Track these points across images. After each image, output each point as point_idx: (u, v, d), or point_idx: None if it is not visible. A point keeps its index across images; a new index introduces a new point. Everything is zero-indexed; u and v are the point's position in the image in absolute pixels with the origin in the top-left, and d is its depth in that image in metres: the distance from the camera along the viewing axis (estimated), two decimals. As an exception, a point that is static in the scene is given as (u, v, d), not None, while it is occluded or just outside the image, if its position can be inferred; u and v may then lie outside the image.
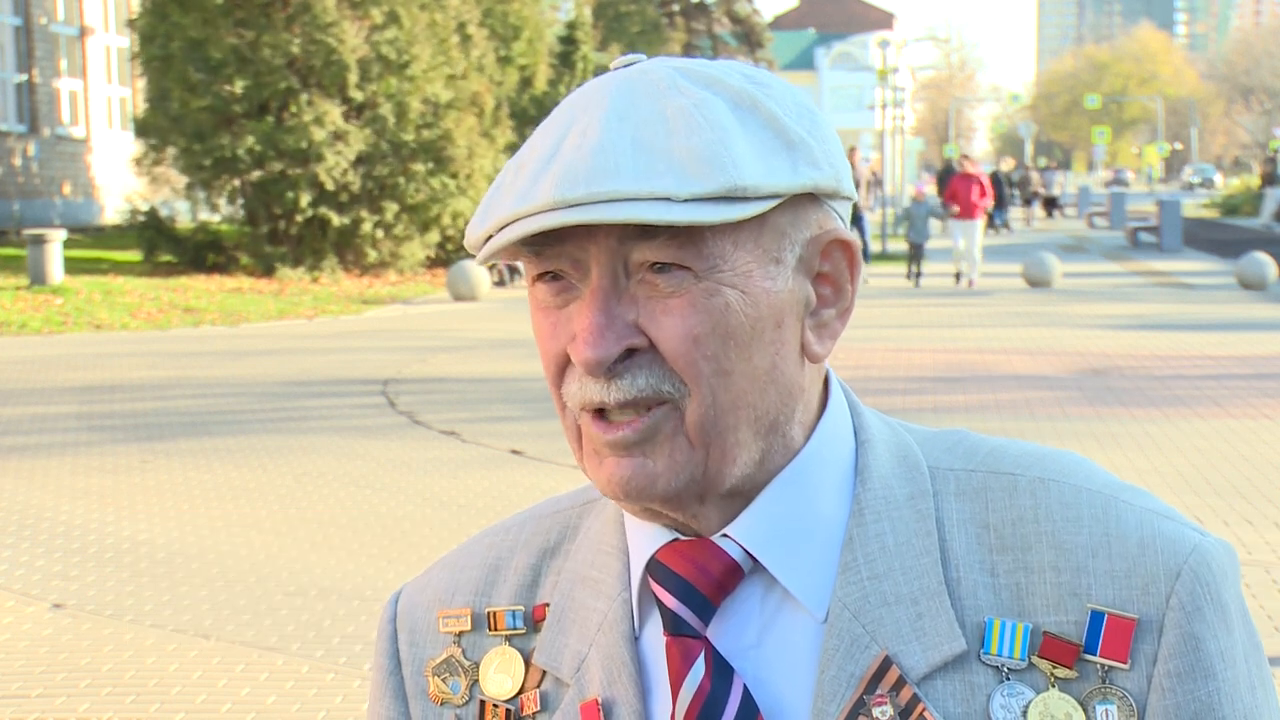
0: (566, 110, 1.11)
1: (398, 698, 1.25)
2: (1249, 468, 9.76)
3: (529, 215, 1.05)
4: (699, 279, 1.07)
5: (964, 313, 20.05)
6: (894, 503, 1.14)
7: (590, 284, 1.08)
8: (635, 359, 1.07)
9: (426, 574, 1.29)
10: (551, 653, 1.18)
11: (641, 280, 1.07)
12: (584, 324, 1.07)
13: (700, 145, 1.05)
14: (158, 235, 24.66)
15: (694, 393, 1.07)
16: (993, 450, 1.17)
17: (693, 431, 1.08)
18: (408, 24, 23.96)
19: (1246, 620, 1.13)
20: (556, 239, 1.07)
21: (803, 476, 1.13)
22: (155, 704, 5.64)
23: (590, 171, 1.04)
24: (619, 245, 1.06)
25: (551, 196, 1.04)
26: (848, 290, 1.15)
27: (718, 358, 1.07)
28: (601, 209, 1.03)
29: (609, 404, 1.07)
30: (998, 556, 1.12)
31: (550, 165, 1.06)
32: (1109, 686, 1.08)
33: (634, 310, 1.07)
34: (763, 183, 1.06)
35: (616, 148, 1.05)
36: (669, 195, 1.03)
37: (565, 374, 1.10)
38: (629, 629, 1.16)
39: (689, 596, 1.11)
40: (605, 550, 1.19)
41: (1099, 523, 1.12)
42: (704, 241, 1.06)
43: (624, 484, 1.08)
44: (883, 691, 1.08)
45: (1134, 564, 1.10)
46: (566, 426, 1.12)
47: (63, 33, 31.79)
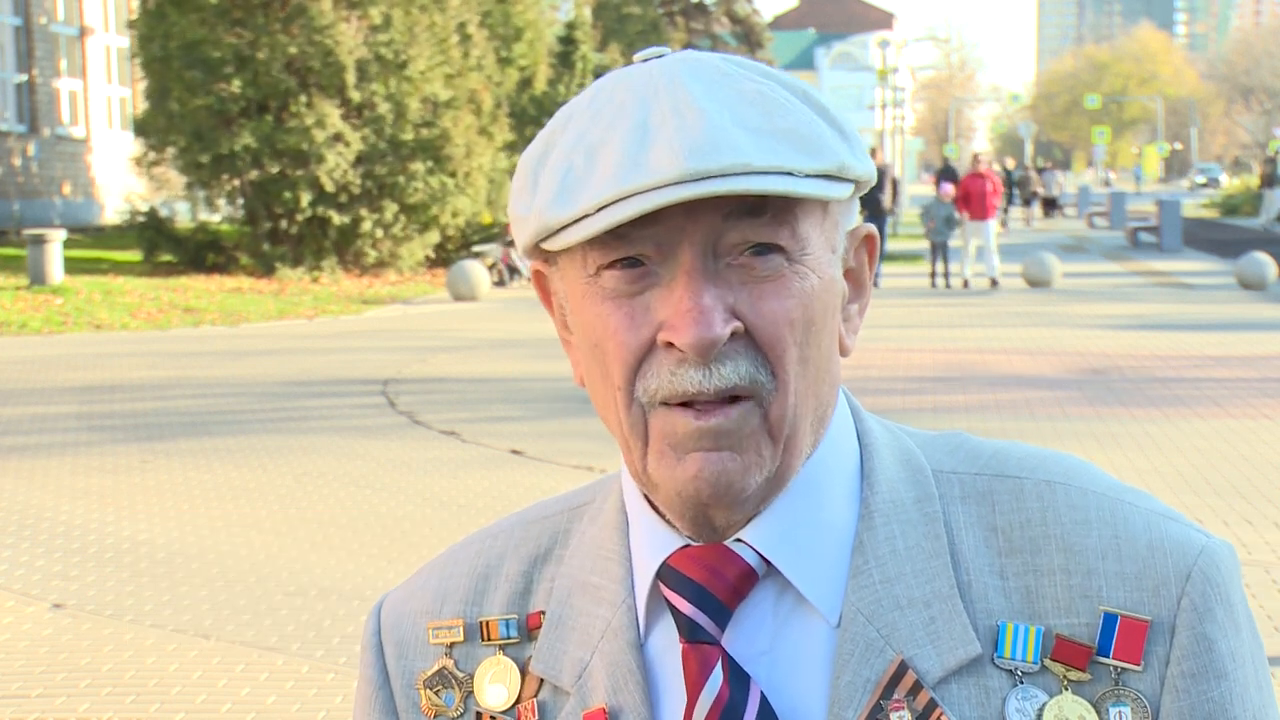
0: (621, 97, 1.07)
1: (387, 712, 1.22)
2: (1249, 468, 9.75)
3: (649, 189, 1.01)
4: (791, 261, 1.06)
5: (964, 313, 20.05)
6: (902, 506, 1.13)
7: (681, 266, 1.04)
8: (733, 344, 1.04)
9: (410, 583, 1.26)
10: (550, 661, 1.16)
11: (732, 264, 1.05)
12: (686, 305, 1.03)
13: (797, 125, 1.05)
14: (158, 235, 24.67)
15: (780, 385, 1.06)
16: (995, 453, 1.17)
17: (775, 426, 1.06)
18: (406, 24, 23.96)
19: (1251, 620, 1.14)
20: (650, 219, 1.04)
21: (813, 481, 1.12)
22: (155, 704, 5.63)
23: (715, 145, 1.02)
24: (722, 223, 1.04)
25: (679, 168, 1.01)
26: (867, 285, 1.16)
27: (803, 344, 1.06)
28: (736, 181, 1.01)
29: (706, 392, 1.04)
30: (1006, 559, 1.11)
31: (652, 142, 1.03)
32: (1122, 688, 1.08)
33: (730, 294, 1.05)
34: (855, 166, 1.07)
35: (723, 125, 1.03)
36: (792, 170, 1.03)
37: (644, 365, 1.06)
38: (635, 636, 1.14)
39: (705, 602, 1.10)
40: (606, 556, 1.17)
41: (1107, 525, 1.11)
42: (799, 223, 1.06)
43: (712, 481, 1.05)
44: (900, 696, 1.08)
45: (1144, 566, 1.10)
46: (631, 422, 1.08)
47: (63, 33, 31.80)
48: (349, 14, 23.76)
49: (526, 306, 21.02)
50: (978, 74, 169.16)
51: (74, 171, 31.61)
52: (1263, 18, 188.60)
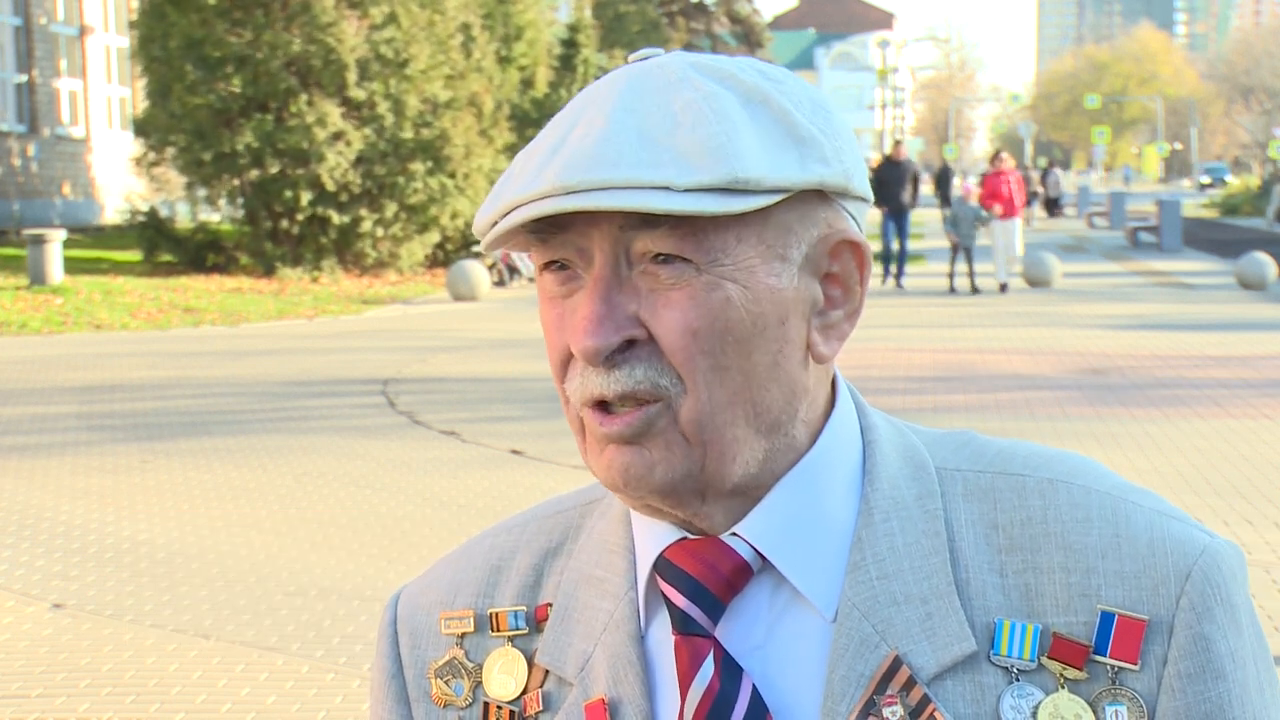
0: (579, 102, 1.11)
1: (400, 701, 1.24)
2: (1249, 468, 9.76)
3: (531, 201, 1.05)
4: (700, 272, 1.06)
5: (964, 313, 20.05)
6: (902, 503, 1.13)
7: (591, 273, 1.08)
8: (634, 350, 1.07)
9: (426, 575, 1.28)
10: (555, 652, 1.17)
11: (644, 271, 1.07)
12: (584, 313, 1.07)
13: (704, 137, 1.05)
14: (158, 235, 24.67)
15: (689, 389, 1.07)
16: (1000, 451, 1.17)
17: (688, 429, 1.08)
18: (406, 24, 23.97)
19: (1255, 621, 1.13)
20: (560, 227, 1.08)
21: (811, 476, 1.13)
22: (155, 704, 5.64)
23: (592, 159, 1.04)
24: (621, 234, 1.06)
25: (553, 183, 1.04)
26: (857, 292, 1.15)
27: (714, 353, 1.07)
28: (600, 196, 1.03)
29: (608, 395, 1.07)
30: (1006, 557, 1.11)
31: (557, 154, 1.07)
32: (1119, 688, 1.08)
33: (635, 301, 1.07)
34: (767, 176, 1.05)
35: (620, 138, 1.05)
36: (669, 184, 1.03)
37: (569, 367, 1.10)
38: (635, 628, 1.15)
39: (698, 595, 1.11)
40: (611, 549, 1.19)
41: (1108, 524, 1.11)
42: (706, 234, 1.06)
43: (623, 472, 1.08)
44: (893, 691, 1.08)
45: (1144, 565, 1.10)
46: (570, 420, 1.12)
47: (63, 33, 31.80)
48: (350, 13, 23.76)
49: (526, 306, 21.02)
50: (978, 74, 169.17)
51: (74, 171, 31.61)
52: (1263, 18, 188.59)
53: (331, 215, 23.85)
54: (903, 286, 23.46)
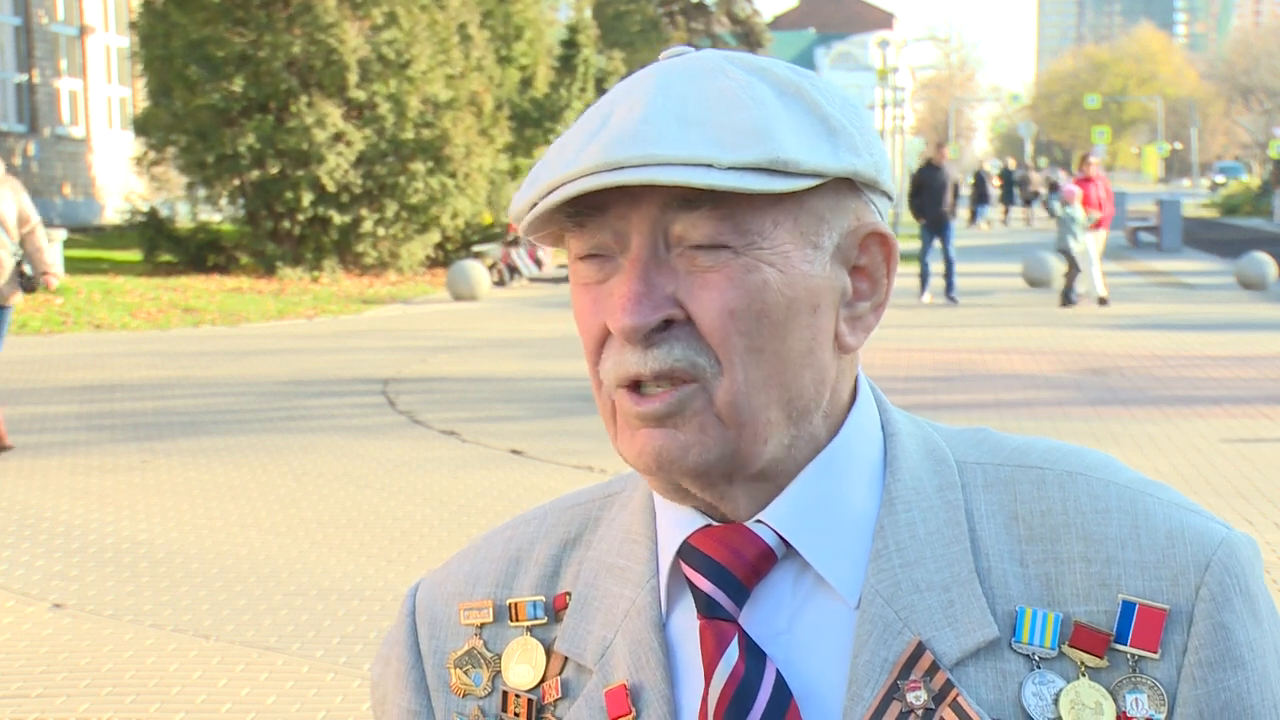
0: (614, 94, 1.13)
1: (419, 691, 1.25)
2: (1249, 468, 9.76)
3: (575, 178, 1.07)
4: (738, 254, 1.08)
5: (964, 313, 20.05)
6: (924, 493, 1.15)
7: (629, 255, 1.09)
8: (672, 330, 1.08)
9: (445, 567, 1.30)
10: (574, 640, 1.19)
11: (681, 254, 1.08)
12: (623, 292, 1.08)
13: (743, 119, 1.07)
14: (158, 235, 24.66)
15: (725, 370, 1.08)
16: (1019, 446, 1.20)
17: (723, 410, 1.09)
18: (408, 24, 23.96)
19: (1273, 612, 1.15)
20: (600, 209, 1.09)
21: (834, 465, 1.15)
22: (155, 704, 5.64)
23: (634, 138, 1.06)
24: (661, 215, 1.08)
25: (598, 160, 1.06)
26: (884, 285, 1.17)
27: (751, 334, 1.08)
28: (644, 171, 1.05)
29: (644, 374, 1.08)
30: (1027, 547, 1.13)
31: (597, 136, 1.08)
32: (1139, 675, 1.10)
33: (673, 282, 1.08)
34: (804, 159, 1.07)
35: (660, 119, 1.07)
36: (711, 162, 1.05)
37: (603, 349, 1.11)
38: (657, 615, 1.16)
39: (723, 580, 1.12)
40: (632, 538, 1.20)
41: (1127, 515, 1.13)
42: (744, 217, 1.08)
43: (656, 454, 1.09)
44: (916, 676, 1.09)
45: (1163, 556, 1.12)
46: (602, 404, 1.13)
47: (63, 33, 31.79)
48: (351, 14, 23.75)
49: (526, 306, 21.03)
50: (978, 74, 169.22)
51: (74, 171, 31.61)
52: (1263, 18, 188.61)
53: (332, 215, 23.85)
54: (955, 300, 21.23)
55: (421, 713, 1.24)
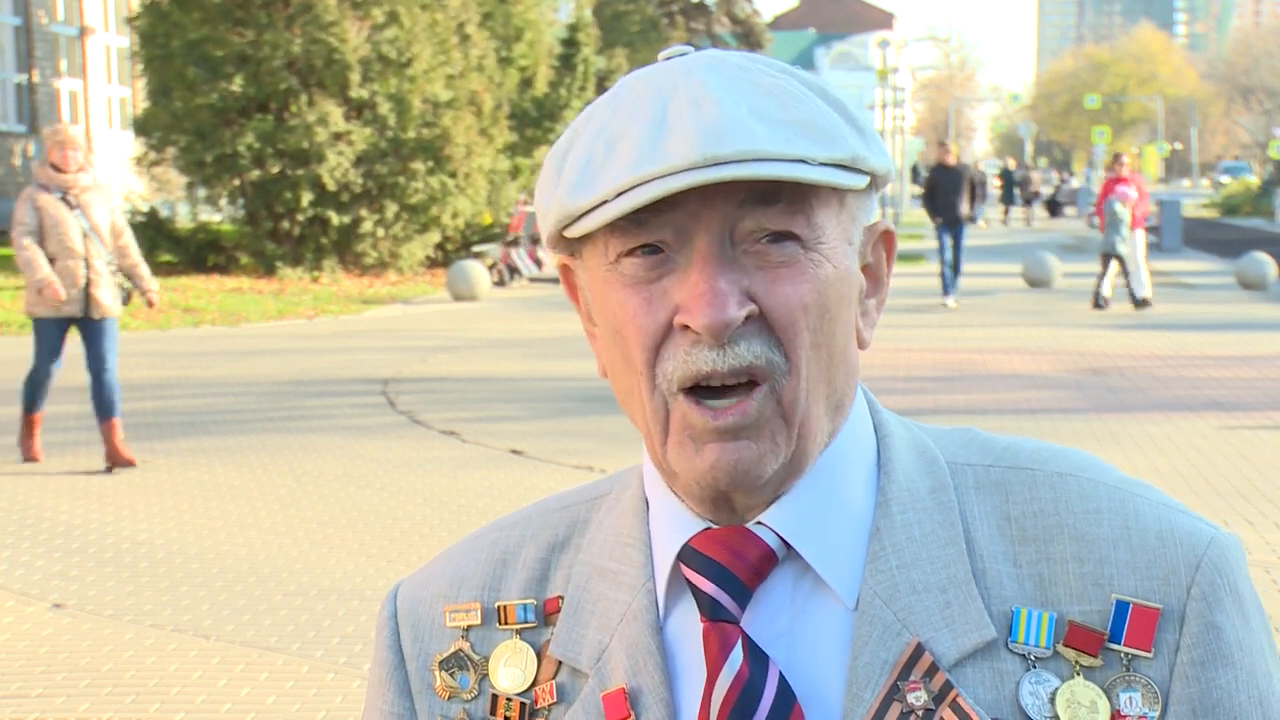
0: (645, 91, 1.10)
1: (402, 693, 1.24)
2: (1249, 468, 9.75)
3: (664, 175, 1.05)
4: (806, 249, 1.09)
5: (964, 313, 20.04)
6: (918, 495, 1.15)
7: (697, 252, 1.08)
8: (747, 326, 1.07)
9: (426, 569, 1.29)
10: (569, 644, 1.18)
11: (748, 250, 1.08)
12: (702, 288, 1.06)
13: (812, 117, 1.08)
14: (158, 235, 24.67)
15: (793, 368, 1.09)
16: (1007, 446, 1.20)
17: (788, 410, 1.09)
18: (408, 24, 23.96)
19: (1259, 610, 1.16)
20: (668, 206, 1.07)
21: (831, 468, 1.15)
22: (155, 704, 5.63)
23: (727, 132, 1.05)
24: (736, 210, 1.07)
25: (694, 155, 1.04)
26: (885, 282, 1.18)
27: (816, 329, 1.09)
28: (751, 167, 1.04)
29: (720, 371, 1.07)
30: (1020, 547, 1.14)
31: (669, 132, 1.06)
32: (1133, 674, 1.10)
33: (745, 278, 1.08)
34: (870, 159, 1.10)
35: (739, 115, 1.06)
36: (805, 158, 1.06)
37: (662, 349, 1.09)
38: (655, 618, 1.16)
39: (726, 582, 1.12)
40: (625, 543, 1.19)
41: (1118, 515, 1.14)
42: (814, 212, 1.09)
43: (730, 469, 1.08)
44: (916, 677, 1.10)
45: (1154, 556, 1.13)
46: (653, 410, 1.10)
47: (63, 33, 31.79)
48: (352, 13, 23.75)
49: (526, 306, 21.03)
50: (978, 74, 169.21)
51: (74, 171, 31.57)
52: (1263, 18, 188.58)
53: (332, 216, 23.85)
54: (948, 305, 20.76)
55: (405, 715, 1.24)
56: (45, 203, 9.49)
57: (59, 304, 9.55)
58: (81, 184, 9.58)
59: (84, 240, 9.53)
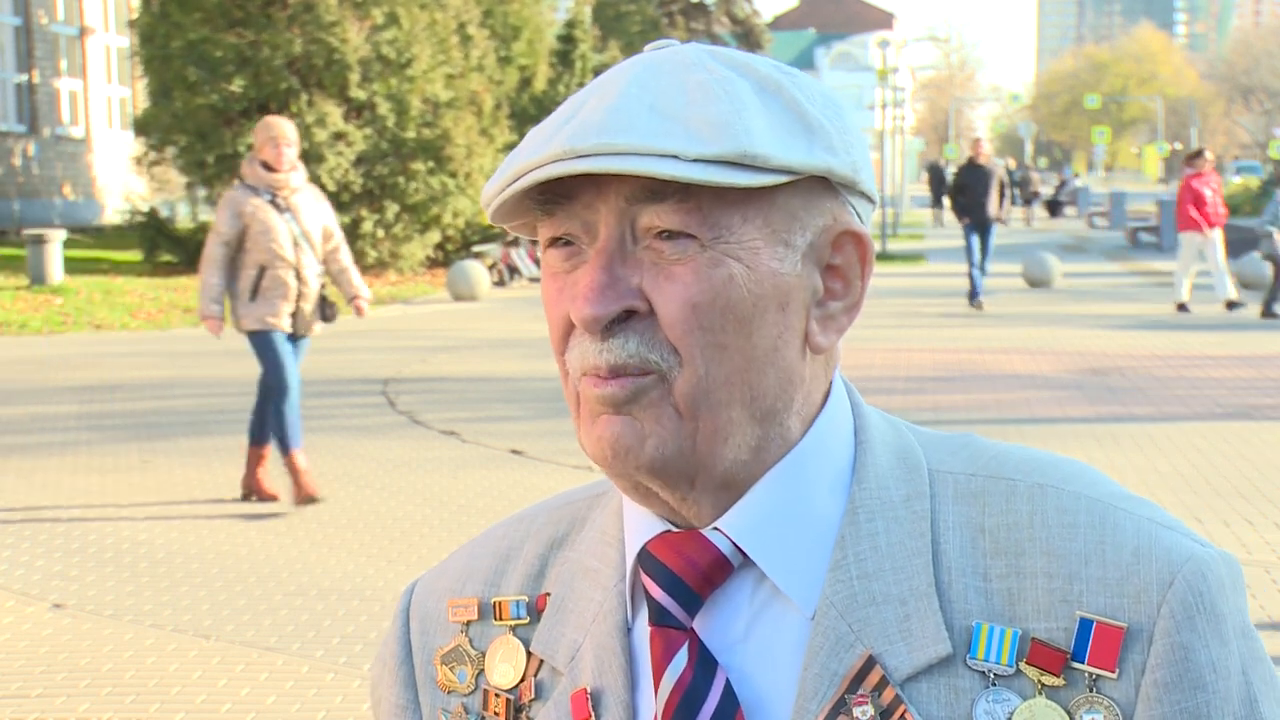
0: (593, 83, 1.12)
1: (407, 686, 1.26)
2: (1249, 468, 9.75)
3: (540, 165, 1.06)
4: (704, 248, 1.07)
5: (964, 313, 20.04)
6: (889, 503, 1.13)
7: (597, 244, 1.08)
8: (631, 323, 1.07)
9: (443, 564, 1.30)
10: (548, 642, 1.18)
11: (648, 246, 1.07)
12: (586, 282, 1.07)
13: (715, 113, 1.06)
14: (158, 235, 24.67)
15: (685, 364, 1.07)
16: (996, 455, 1.16)
17: (681, 403, 1.07)
18: (408, 24, 23.96)
19: (1247, 632, 1.11)
20: (568, 198, 1.08)
21: (797, 471, 1.12)
22: (155, 704, 5.63)
23: (601, 127, 1.05)
24: (627, 206, 1.07)
25: (563, 146, 1.05)
26: (857, 285, 1.15)
27: (714, 329, 1.07)
28: (608, 160, 1.04)
29: (600, 366, 1.07)
30: (991, 561, 1.10)
31: (567, 124, 1.08)
32: (1096, 695, 1.07)
33: (638, 274, 1.07)
34: (774, 155, 1.06)
35: (630, 109, 1.06)
36: (677, 153, 1.04)
37: (569, 339, 1.10)
38: (622, 619, 1.15)
39: (675, 588, 1.11)
40: (606, 541, 1.19)
41: (1094, 530, 1.10)
42: (712, 210, 1.07)
43: (613, 442, 1.08)
44: (864, 691, 1.07)
45: (1127, 572, 1.08)
46: (568, 394, 1.12)
47: (63, 33, 31.79)
48: (353, 13, 23.75)
49: (526, 306, 21.02)
50: (978, 74, 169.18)
51: (74, 171, 31.60)
52: (1263, 18, 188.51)
53: (332, 215, 23.83)
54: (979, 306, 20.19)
55: (410, 707, 1.25)
56: (254, 208, 8.41)
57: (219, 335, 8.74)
58: (293, 184, 8.62)
59: (294, 248, 8.56)
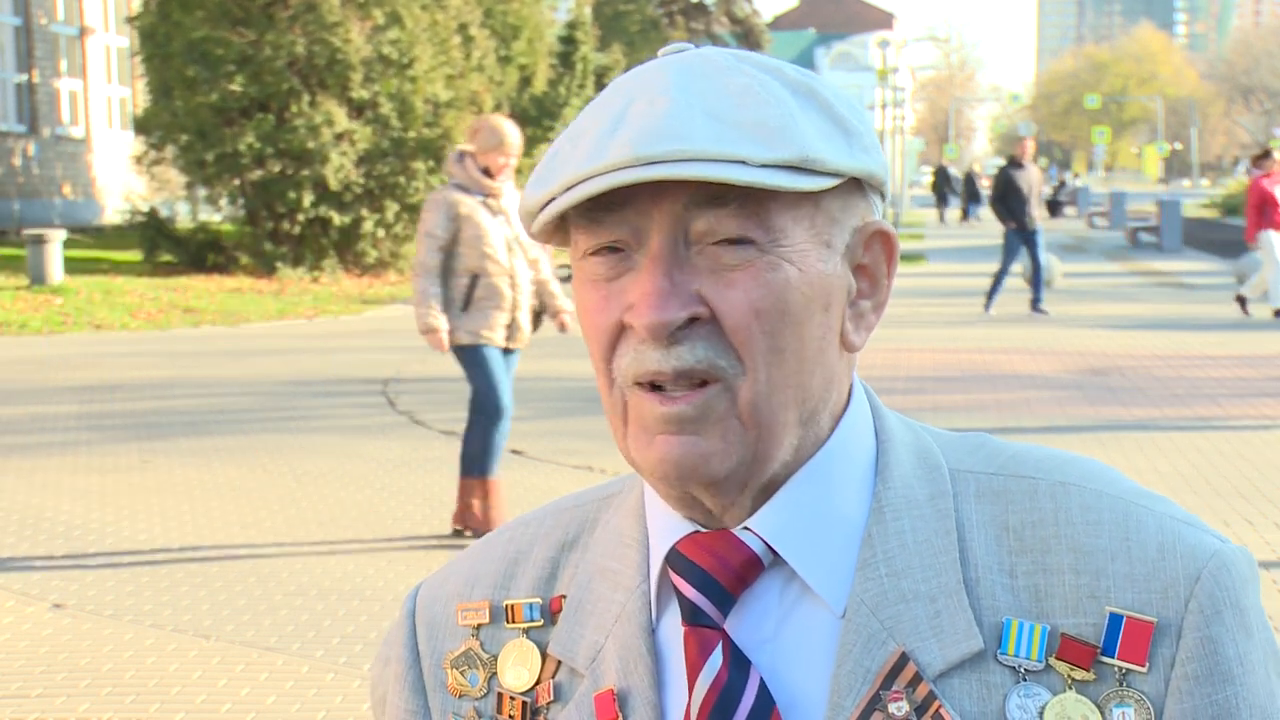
0: (621, 89, 1.11)
1: (416, 691, 1.25)
2: (1249, 468, 9.75)
3: (604, 173, 1.05)
4: (763, 252, 1.07)
5: (964, 313, 20.04)
6: (914, 502, 1.14)
7: (650, 251, 1.07)
8: (695, 328, 1.07)
9: (446, 568, 1.30)
10: (567, 643, 1.18)
11: (702, 251, 1.07)
12: (647, 288, 1.06)
13: (769, 117, 1.07)
14: (158, 235, 24.67)
15: (748, 371, 1.07)
16: (1015, 455, 1.18)
17: (745, 412, 1.08)
18: (409, 24, 23.96)
19: (1266, 627, 1.13)
20: (619, 204, 1.07)
21: (825, 472, 1.13)
22: (155, 704, 5.63)
23: (665, 132, 1.05)
24: (685, 212, 1.07)
25: (628, 154, 1.04)
26: (884, 284, 1.17)
27: (774, 334, 1.08)
28: (680, 167, 1.03)
29: (665, 372, 1.06)
30: (1016, 558, 1.12)
31: (619, 130, 1.06)
32: (1126, 689, 1.08)
33: (696, 280, 1.07)
34: (830, 158, 1.08)
35: (688, 114, 1.06)
36: (745, 159, 1.04)
37: (616, 347, 1.09)
38: (646, 620, 1.16)
39: (708, 587, 1.11)
40: (625, 542, 1.19)
41: (1119, 527, 1.12)
42: (769, 214, 1.07)
43: (677, 463, 1.07)
44: (899, 687, 1.08)
45: (1153, 568, 1.10)
46: (611, 404, 1.11)
47: (63, 33, 31.79)
48: (355, 13, 23.75)
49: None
50: (978, 74, 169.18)
51: (74, 171, 31.61)
52: (1263, 18, 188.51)
53: (333, 216, 23.85)
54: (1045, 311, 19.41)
55: (419, 713, 1.24)
56: (470, 209, 7.61)
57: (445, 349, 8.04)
58: (506, 190, 7.81)
59: (508, 253, 7.76)
